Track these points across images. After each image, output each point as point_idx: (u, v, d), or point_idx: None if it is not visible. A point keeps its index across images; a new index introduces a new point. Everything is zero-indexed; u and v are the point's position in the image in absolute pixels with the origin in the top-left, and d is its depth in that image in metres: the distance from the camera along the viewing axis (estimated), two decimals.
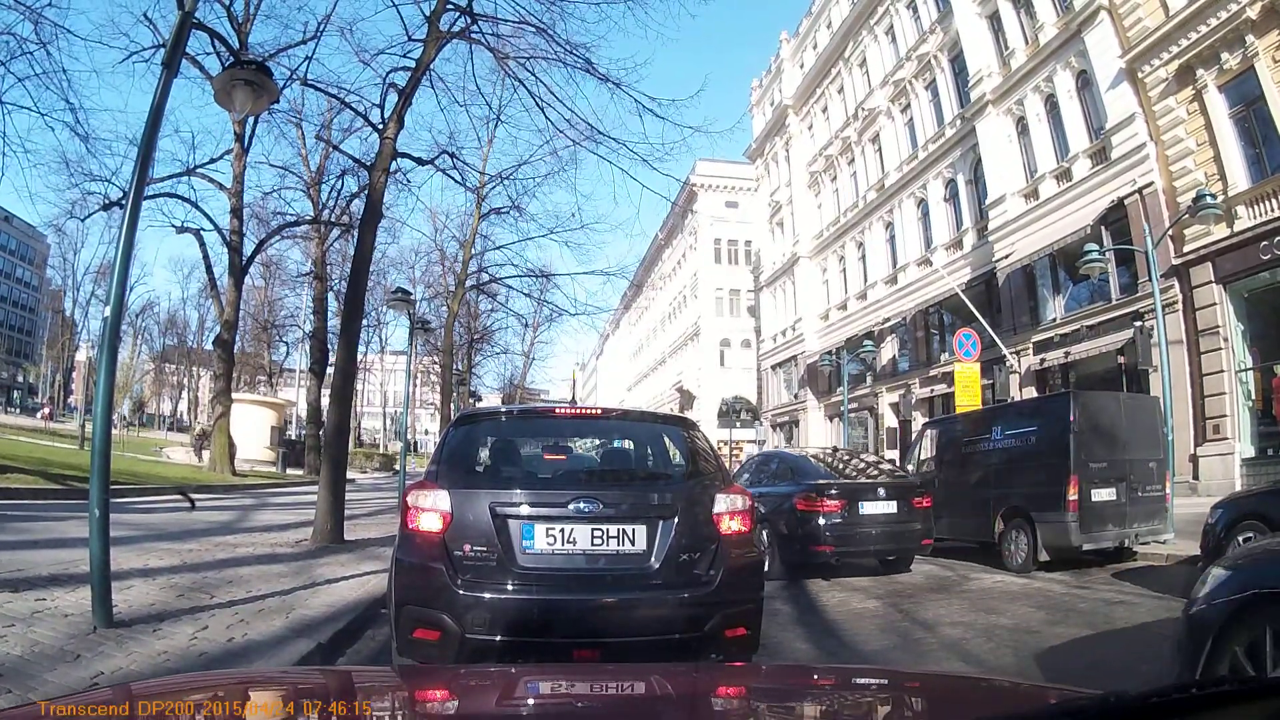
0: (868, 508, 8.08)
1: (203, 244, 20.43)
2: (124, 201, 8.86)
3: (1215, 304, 14.66)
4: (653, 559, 3.45)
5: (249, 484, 18.56)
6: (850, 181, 30.37)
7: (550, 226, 24.81)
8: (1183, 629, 2.78)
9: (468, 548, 3.38)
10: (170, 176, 18.80)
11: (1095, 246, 12.61)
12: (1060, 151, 19.02)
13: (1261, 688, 1.16)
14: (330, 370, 19.67)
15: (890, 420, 26.79)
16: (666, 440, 4.44)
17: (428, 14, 9.14)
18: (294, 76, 12.12)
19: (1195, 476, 14.51)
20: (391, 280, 34.87)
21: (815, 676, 2.29)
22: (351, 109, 11.87)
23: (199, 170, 19.44)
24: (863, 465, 10.36)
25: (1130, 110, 16.47)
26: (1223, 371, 14.50)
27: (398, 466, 24.70)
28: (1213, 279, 14.71)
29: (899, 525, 8.16)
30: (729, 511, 3.65)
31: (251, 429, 26.59)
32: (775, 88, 37.80)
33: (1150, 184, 15.98)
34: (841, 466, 9.69)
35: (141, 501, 12.25)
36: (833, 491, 8.08)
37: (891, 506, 8.17)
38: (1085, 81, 18.13)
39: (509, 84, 10.52)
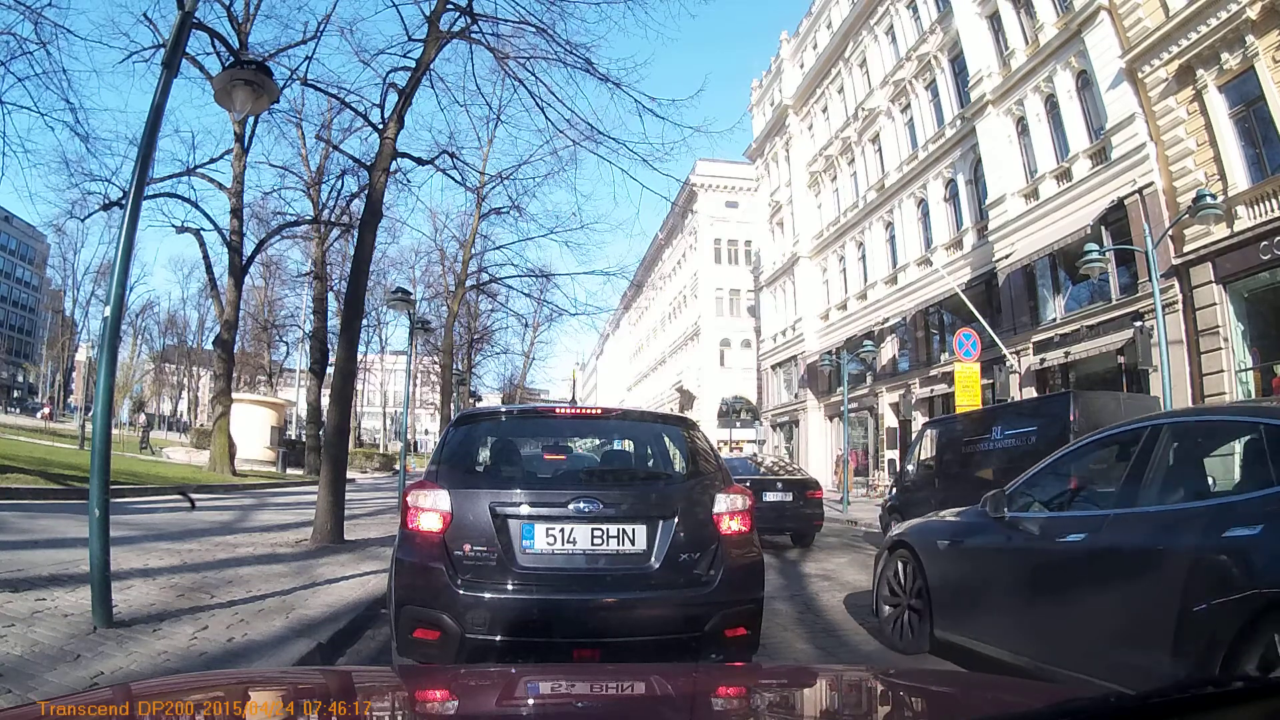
0: (769, 497, 10.61)
1: (203, 244, 20.46)
2: (124, 201, 8.86)
3: (1215, 304, 14.66)
4: (653, 559, 3.45)
5: (249, 484, 18.56)
6: (850, 181, 30.38)
7: (550, 226, 24.95)
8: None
9: (468, 548, 3.38)
10: (170, 176, 18.83)
11: (1095, 246, 12.62)
12: (1060, 151, 19.03)
13: (1262, 688, 1.16)
14: (330, 370, 19.67)
15: (890, 420, 26.80)
16: (666, 440, 4.44)
17: (428, 14, 9.14)
18: (294, 76, 12.14)
19: None
20: (391, 280, 34.99)
21: (815, 676, 2.29)
22: (351, 109, 11.88)
23: (199, 170, 19.47)
24: (779, 468, 13.39)
25: (1130, 110, 16.48)
26: (1223, 371, 14.49)
27: (398, 466, 24.73)
28: (1213, 279, 14.70)
29: (794, 510, 10.85)
30: (729, 511, 3.65)
31: (251, 429, 26.59)
32: (775, 88, 37.80)
33: (1150, 184, 15.98)
34: (765, 468, 12.78)
35: (141, 501, 12.25)
36: (746, 483, 9.40)
37: (789, 496, 10.92)
38: (1085, 81, 18.13)
39: (509, 84, 10.52)
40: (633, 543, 3.46)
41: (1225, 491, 3.28)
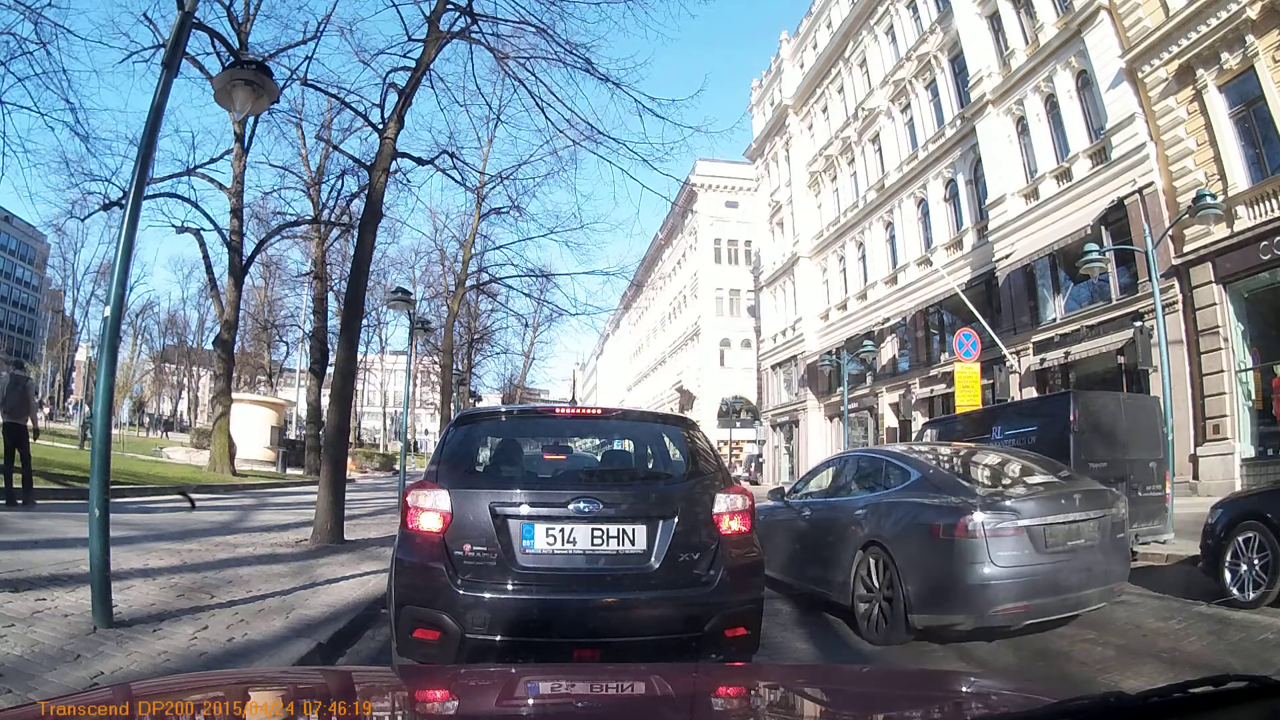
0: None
1: (203, 244, 20.44)
2: (124, 201, 8.86)
3: (1215, 304, 14.66)
4: (653, 559, 3.45)
5: (249, 484, 18.55)
6: (850, 181, 30.38)
7: (550, 226, 24.93)
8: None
9: (468, 547, 3.38)
10: (170, 176, 18.81)
11: (1095, 246, 12.60)
12: (1060, 151, 19.03)
13: (1261, 688, 1.16)
14: (330, 370, 19.68)
15: (890, 420, 26.81)
16: (666, 440, 4.43)
17: (428, 14, 9.13)
18: (294, 76, 12.12)
19: (1195, 476, 14.51)
20: (391, 280, 34.95)
21: (815, 676, 2.29)
22: (351, 109, 11.86)
23: (199, 170, 19.44)
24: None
25: (1130, 110, 16.48)
26: (1223, 371, 14.50)
27: (397, 466, 24.71)
28: (1213, 279, 14.71)
29: None
30: (729, 511, 3.65)
31: (251, 429, 26.55)
32: (775, 88, 37.80)
33: (1150, 184, 15.98)
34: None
35: (141, 501, 12.24)
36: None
37: None
38: (1085, 81, 18.14)
39: (509, 84, 10.51)
40: (633, 543, 3.45)
41: (863, 492, 6.20)
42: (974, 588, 4.68)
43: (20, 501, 9.47)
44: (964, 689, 1.97)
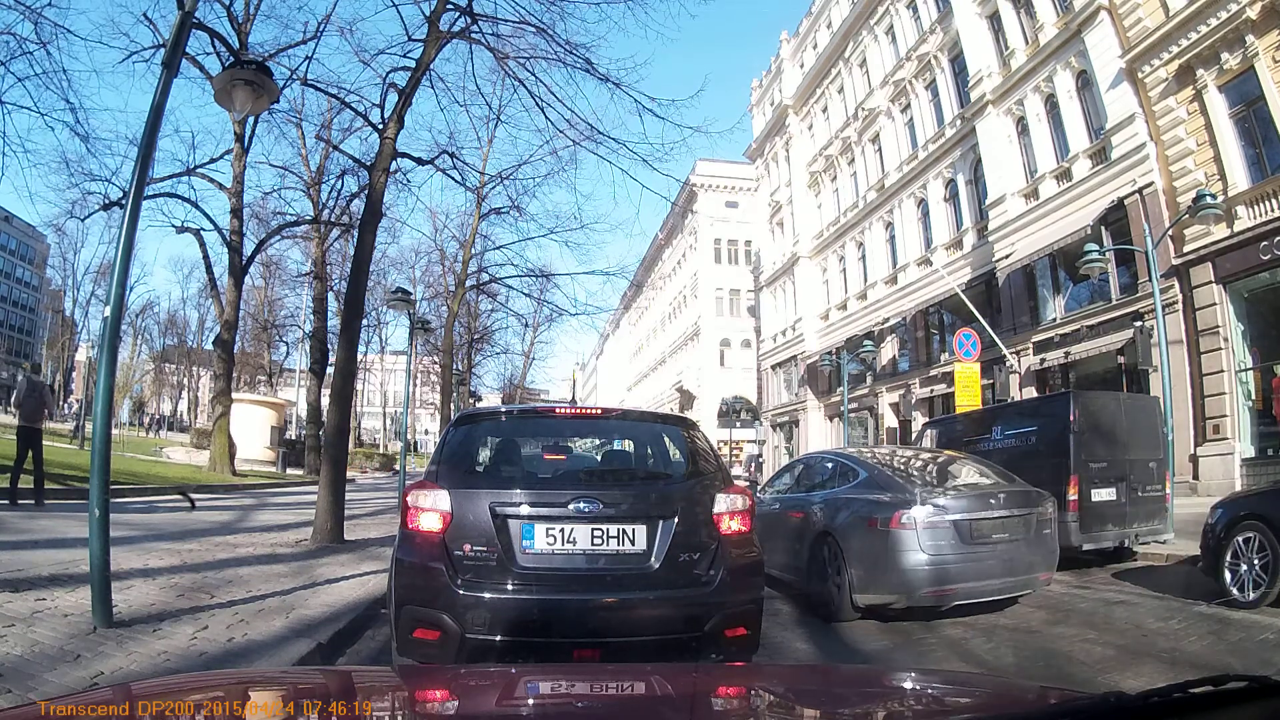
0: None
1: (203, 244, 20.44)
2: (124, 201, 8.86)
3: (1215, 304, 14.66)
4: (653, 559, 3.45)
5: (249, 484, 18.56)
6: (850, 181, 30.37)
7: (550, 226, 25.00)
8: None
9: (468, 547, 3.38)
10: (170, 176, 18.81)
11: (1095, 246, 12.60)
12: (1060, 151, 19.02)
13: (1261, 688, 1.16)
14: (330, 370, 19.67)
15: (890, 420, 26.80)
16: (666, 440, 4.43)
17: (428, 14, 9.14)
18: (294, 76, 12.13)
19: (1195, 476, 14.51)
20: (391, 280, 34.95)
21: (815, 676, 2.29)
22: (351, 109, 11.86)
23: (199, 170, 19.45)
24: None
25: (1130, 110, 16.47)
26: (1223, 371, 14.49)
27: (397, 466, 24.72)
28: (1213, 279, 14.70)
29: None
30: (729, 511, 3.65)
31: (251, 429, 26.55)
32: (775, 88, 37.80)
33: (1150, 184, 15.97)
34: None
35: (141, 501, 12.24)
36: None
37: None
38: (1085, 81, 18.13)
39: (509, 84, 10.52)
40: (633, 543, 3.45)
41: (820, 489, 6.94)
42: (906, 572, 5.42)
43: (32, 502, 9.65)
44: (964, 689, 1.97)
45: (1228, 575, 5.94)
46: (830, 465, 7.12)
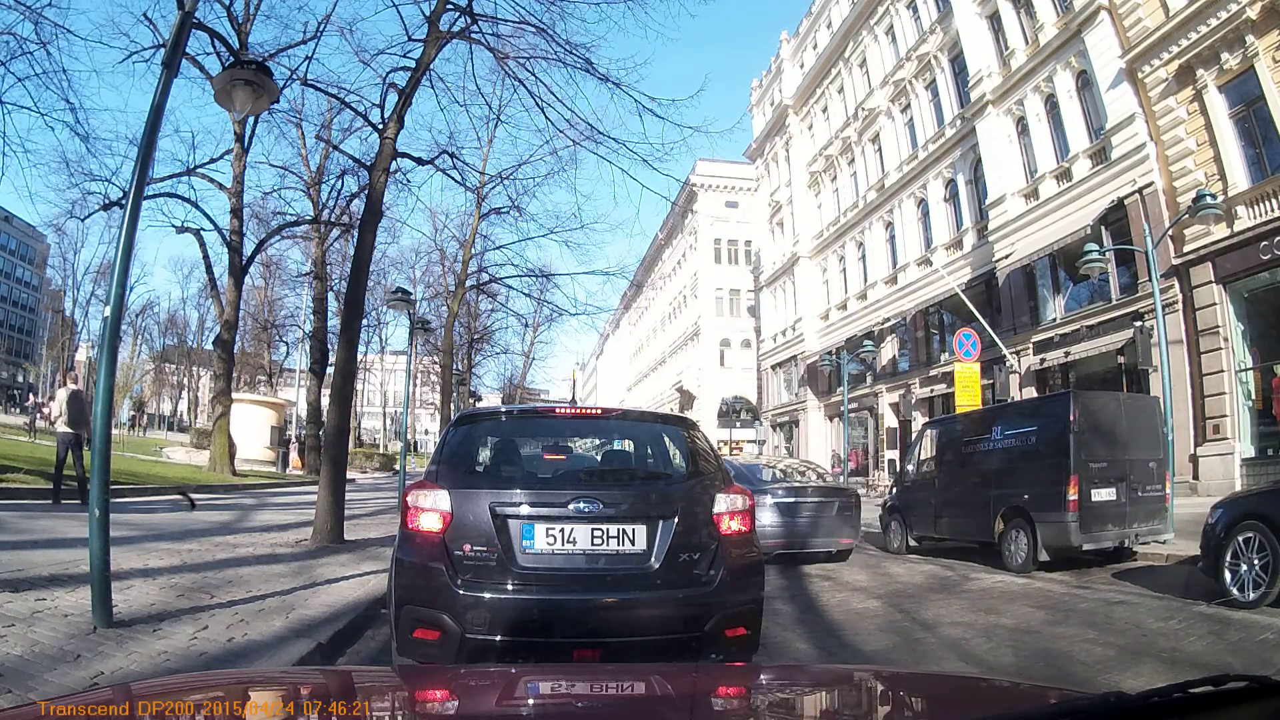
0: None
1: (203, 244, 20.44)
2: (124, 201, 8.86)
3: (1215, 304, 14.66)
4: (653, 559, 3.45)
5: (249, 484, 18.56)
6: (850, 181, 30.38)
7: (550, 226, 24.97)
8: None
9: (468, 547, 3.37)
10: (170, 176, 18.81)
11: (1095, 246, 12.59)
12: (1060, 151, 19.03)
13: (1261, 688, 1.16)
14: (330, 370, 19.67)
15: (890, 420, 26.81)
16: (666, 440, 4.43)
17: (428, 14, 9.13)
18: (294, 76, 12.13)
19: (1195, 476, 14.51)
20: (391, 280, 34.95)
21: (815, 676, 2.29)
22: (351, 109, 11.86)
23: (199, 170, 19.45)
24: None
25: (1130, 110, 16.48)
26: (1223, 371, 14.49)
27: (397, 466, 24.71)
28: (1213, 279, 14.70)
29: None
30: (729, 511, 3.65)
31: (251, 429, 26.55)
32: (775, 88, 37.80)
33: (1150, 184, 15.98)
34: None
35: (141, 501, 12.25)
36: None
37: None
38: (1085, 81, 18.13)
39: (509, 84, 10.51)
40: (633, 543, 3.45)
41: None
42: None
43: (77, 501, 10.07)
44: (964, 689, 1.97)
45: (1228, 575, 5.94)
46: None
